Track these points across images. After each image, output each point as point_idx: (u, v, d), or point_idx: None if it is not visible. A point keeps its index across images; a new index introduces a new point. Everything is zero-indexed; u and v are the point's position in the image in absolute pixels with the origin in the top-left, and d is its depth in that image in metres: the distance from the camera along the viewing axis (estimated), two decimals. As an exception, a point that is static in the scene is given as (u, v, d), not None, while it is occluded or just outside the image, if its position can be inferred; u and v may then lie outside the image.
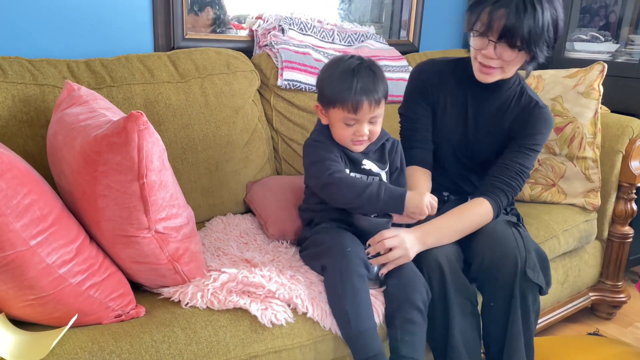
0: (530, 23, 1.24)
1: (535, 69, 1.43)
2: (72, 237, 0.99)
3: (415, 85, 1.49)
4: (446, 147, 1.51)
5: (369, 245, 1.25)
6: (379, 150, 1.38)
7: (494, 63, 1.32)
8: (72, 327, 0.99)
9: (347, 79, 1.24)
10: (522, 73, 1.45)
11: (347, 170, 1.33)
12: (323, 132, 1.35)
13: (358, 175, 1.34)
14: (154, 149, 0.98)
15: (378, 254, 1.25)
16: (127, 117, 0.94)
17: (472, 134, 1.47)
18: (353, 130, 1.28)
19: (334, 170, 1.26)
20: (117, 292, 1.05)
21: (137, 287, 1.16)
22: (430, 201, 1.24)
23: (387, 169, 1.38)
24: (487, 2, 1.28)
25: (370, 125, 1.28)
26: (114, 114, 1.11)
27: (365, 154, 1.35)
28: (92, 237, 1.06)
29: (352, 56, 1.30)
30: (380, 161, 1.37)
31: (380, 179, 1.36)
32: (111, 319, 1.05)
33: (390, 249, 1.24)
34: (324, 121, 1.34)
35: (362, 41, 2.13)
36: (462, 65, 1.46)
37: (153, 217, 1.02)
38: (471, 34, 1.34)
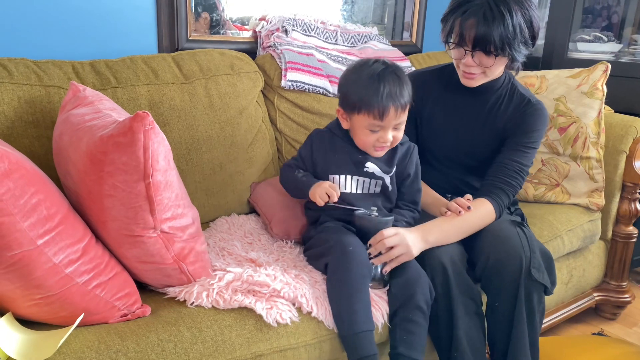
0: (500, 29, 1.25)
1: (524, 67, 1.44)
2: (79, 237, 0.99)
3: None
4: (442, 152, 1.52)
5: (370, 245, 1.25)
6: (389, 153, 1.37)
7: (475, 70, 1.35)
8: (78, 326, 0.99)
9: (373, 85, 1.23)
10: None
11: (334, 177, 1.34)
12: (331, 129, 1.36)
13: (360, 179, 1.35)
14: (160, 149, 0.99)
15: (379, 254, 1.25)
16: (133, 117, 0.95)
17: (467, 137, 1.48)
18: (377, 136, 1.28)
19: (287, 164, 1.44)
20: (123, 292, 1.06)
21: (143, 287, 1.16)
22: (325, 191, 1.28)
23: (392, 174, 1.37)
24: (457, 12, 1.30)
25: (394, 131, 1.29)
26: (120, 115, 1.12)
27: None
28: (98, 237, 1.07)
29: (377, 60, 1.29)
30: (386, 164, 1.37)
31: (384, 183, 1.36)
32: (117, 318, 1.05)
33: (391, 247, 1.24)
34: (345, 126, 1.33)
35: (365, 42, 2.14)
36: (449, 71, 1.47)
37: (159, 217, 1.03)
38: (448, 45, 1.35)
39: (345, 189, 1.34)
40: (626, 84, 2.12)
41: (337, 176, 1.34)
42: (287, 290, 1.14)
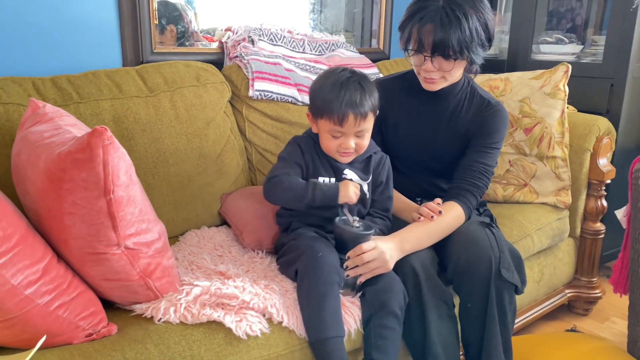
0: (458, 34, 1.28)
1: (489, 70, 1.46)
2: (39, 257, 0.97)
3: None
4: (409, 157, 1.53)
5: (348, 257, 1.25)
6: (365, 162, 1.39)
7: (435, 75, 1.37)
8: (41, 348, 0.97)
9: (335, 92, 1.26)
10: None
11: (326, 179, 1.34)
12: (310, 135, 1.37)
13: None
14: (120, 164, 0.98)
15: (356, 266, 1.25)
16: (91, 133, 0.93)
17: (432, 141, 1.50)
18: (339, 142, 1.30)
19: (276, 175, 1.32)
20: (88, 311, 1.03)
21: (109, 305, 1.14)
22: (353, 189, 1.30)
23: (369, 181, 1.39)
24: (413, 19, 1.32)
25: (356, 138, 1.30)
26: (80, 131, 1.10)
27: (350, 163, 1.37)
28: (60, 256, 1.05)
29: (345, 69, 1.33)
30: (363, 172, 1.39)
31: (362, 190, 1.37)
32: (82, 339, 1.03)
33: (369, 261, 1.24)
34: (314, 130, 1.36)
35: (333, 50, 2.15)
36: (409, 78, 1.50)
37: (122, 233, 1.01)
38: (407, 52, 1.37)
39: None
40: (588, 83, 2.17)
41: (326, 179, 1.35)
42: (256, 302, 1.13)
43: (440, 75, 1.37)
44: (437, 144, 1.50)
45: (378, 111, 1.34)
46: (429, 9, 1.30)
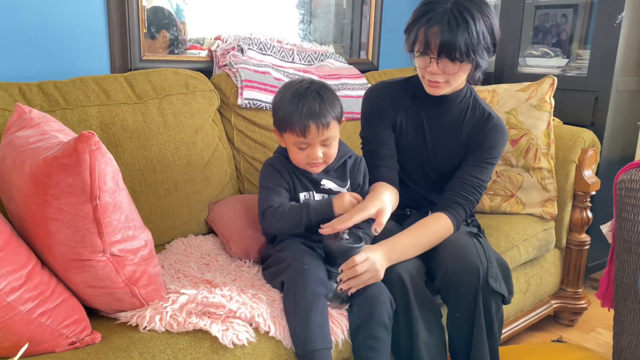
0: (465, 36, 1.28)
1: (484, 80, 1.47)
2: (22, 263, 0.95)
3: (372, 107, 1.50)
4: (408, 164, 1.53)
5: (341, 271, 1.24)
6: (340, 168, 1.39)
7: (440, 78, 1.36)
8: (23, 356, 0.95)
9: (294, 103, 1.27)
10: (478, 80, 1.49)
11: (305, 195, 1.33)
12: (283, 154, 1.36)
13: (319, 196, 1.35)
14: (107, 170, 0.97)
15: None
16: (78, 138, 0.93)
17: (432, 148, 1.50)
18: (306, 153, 1.30)
19: (269, 206, 1.32)
20: (71, 319, 1.02)
21: (94, 313, 1.12)
22: (349, 199, 1.31)
23: (347, 187, 1.39)
24: (420, 21, 1.32)
25: (323, 147, 1.30)
26: (67, 136, 1.09)
27: (326, 172, 1.37)
28: (44, 263, 1.03)
29: (303, 79, 1.32)
30: (340, 179, 1.39)
31: None
32: (65, 347, 1.01)
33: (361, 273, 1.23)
34: (282, 144, 1.36)
35: (322, 60, 2.16)
36: (413, 83, 1.50)
37: (108, 240, 1.00)
38: (413, 55, 1.37)
39: None
40: (573, 96, 2.21)
41: (304, 193, 1.35)
42: (243, 311, 1.12)
43: (445, 79, 1.36)
44: (435, 151, 1.49)
45: (343, 118, 1.34)
46: (436, 12, 1.29)
